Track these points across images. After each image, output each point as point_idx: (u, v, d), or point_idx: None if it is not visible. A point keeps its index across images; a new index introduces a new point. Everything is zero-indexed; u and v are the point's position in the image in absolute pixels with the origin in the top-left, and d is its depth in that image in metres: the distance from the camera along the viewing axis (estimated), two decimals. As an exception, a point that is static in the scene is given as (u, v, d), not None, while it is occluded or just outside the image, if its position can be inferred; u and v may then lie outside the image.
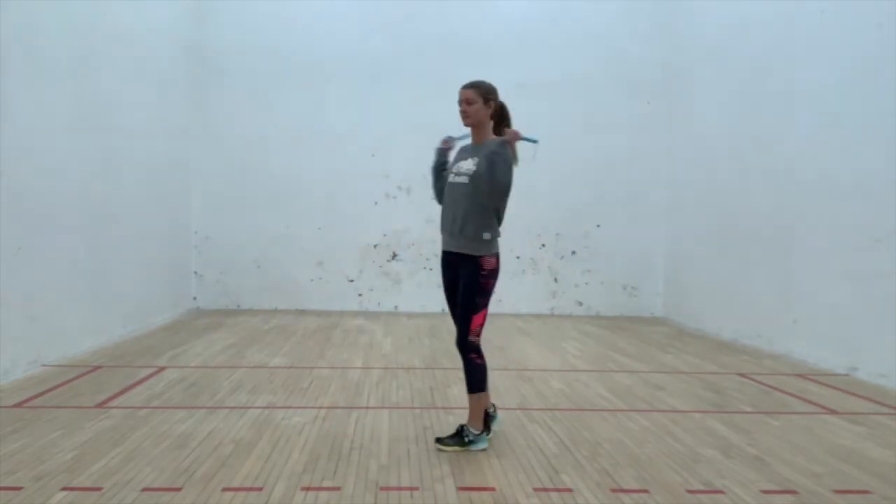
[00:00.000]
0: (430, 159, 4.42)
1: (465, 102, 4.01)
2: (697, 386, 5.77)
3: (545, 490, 3.42)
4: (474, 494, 3.35)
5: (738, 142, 8.05)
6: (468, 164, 3.98)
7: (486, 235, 3.94)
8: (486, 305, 4.02)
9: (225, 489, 3.33)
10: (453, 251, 4.06)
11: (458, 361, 6.44)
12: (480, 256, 3.93)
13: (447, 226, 4.06)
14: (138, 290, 7.71)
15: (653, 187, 9.96)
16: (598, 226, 9.89)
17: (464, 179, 3.97)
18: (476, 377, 4.01)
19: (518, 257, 9.72)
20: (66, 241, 6.21)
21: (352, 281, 9.90)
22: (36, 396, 4.93)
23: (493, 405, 4.23)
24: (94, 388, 5.19)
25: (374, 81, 9.76)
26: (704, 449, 4.10)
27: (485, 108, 4.01)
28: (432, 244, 9.70)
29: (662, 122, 9.92)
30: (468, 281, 3.96)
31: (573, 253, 9.92)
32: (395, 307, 9.92)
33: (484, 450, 3.99)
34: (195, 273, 9.74)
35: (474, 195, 3.93)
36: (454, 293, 4.14)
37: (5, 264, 5.28)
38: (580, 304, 10.01)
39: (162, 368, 5.91)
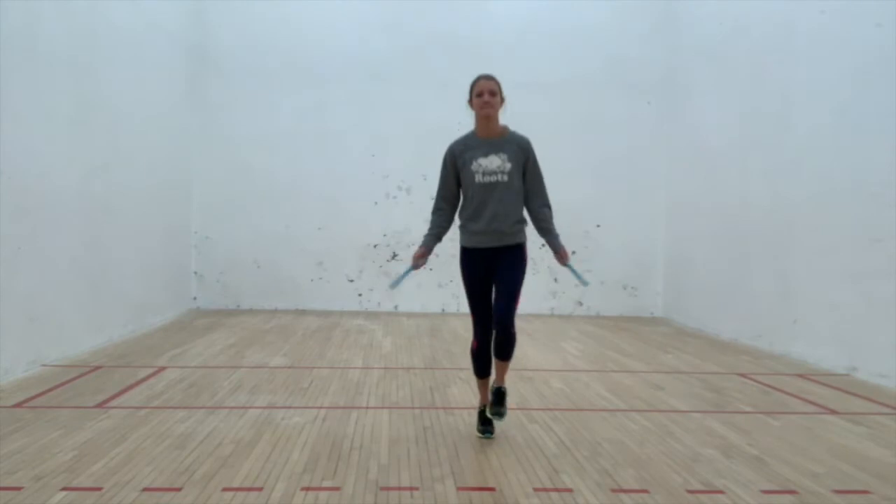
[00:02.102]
0: (429, 160, 4.43)
1: (489, 93, 4.02)
2: (697, 386, 5.77)
3: (545, 490, 3.42)
4: (474, 494, 3.35)
5: (738, 142, 8.05)
6: (497, 162, 4.01)
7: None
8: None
9: (225, 489, 3.32)
10: (498, 245, 4.09)
11: (457, 361, 6.47)
12: (523, 244, 4.15)
13: (492, 225, 4.03)
14: (138, 290, 7.71)
15: (653, 187, 9.97)
16: (598, 226, 9.89)
17: (499, 178, 4.01)
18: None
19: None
20: (66, 240, 6.21)
21: (352, 281, 9.90)
22: (36, 396, 4.93)
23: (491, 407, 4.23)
24: (94, 388, 5.19)
25: (374, 81, 9.77)
26: (704, 449, 4.10)
27: (501, 101, 4.11)
28: (432, 244, 9.69)
29: (662, 122, 9.92)
30: (521, 265, 4.12)
31: (573, 253, 9.88)
32: (395, 307, 9.92)
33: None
34: (195, 273, 9.74)
35: (517, 190, 4.06)
36: (486, 285, 4.14)
37: (5, 264, 5.28)
38: (580, 304, 10.01)
39: (162, 368, 5.91)
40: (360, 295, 9.90)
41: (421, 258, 4.15)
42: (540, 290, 9.89)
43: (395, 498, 3.28)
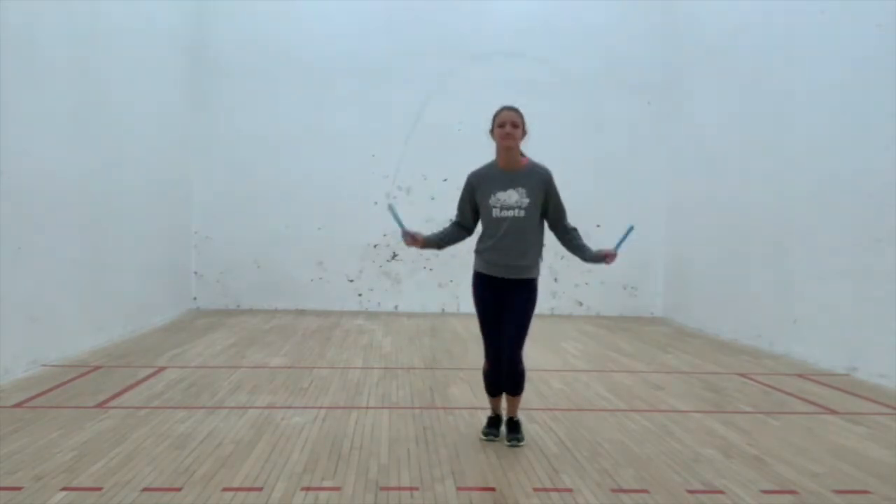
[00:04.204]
0: (429, 160, 4.42)
1: (511, 125, 3.98)
2: (697, 386, 5.77)
3: (545, 490, 3.42)
4: (474, 494, 3.35)
5: (738, 142, 8.06)
6: (515, 197, 3.99)
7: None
8: None
9: (225, 489, 3.32)
10: (511, 278, 4.09)
11: (457, 361, 6.46)
12: (535, 279, 4.17)
13: (506, 258, 4.04)
14: (138, 290, 7.71)
15: (653, 187, 9.97)
16: (598, 226, 9.87)
17: (516, 213, 3.99)
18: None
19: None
20: (66, 241, 6.21)
21: (352, 281, 9.90)
22: (36, 396, 4.93)
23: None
24: (94, 388, 5.19)
25: (374, 81, 9.77)
26: (704, 449, 4.10)
27: (524, 134, 4.08)
28: (432, 244, 9.69)
29: (662, 122, 9.92)
30: (531, 301, 4.17)
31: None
32: (395, 307, 9.92)
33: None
34: (195, 273, 9.74)
35: (534, 225, 4.06)
36: (497, 312, 4.13)
37: (5, 264, 5.28)
38: (580, 304, 10.01)
39: (162, 368, 5.91)
40: (360, 295, 9.90)
41: (412, 240, 4.09)
42: (540, 290, 9.87)
43: (395, 498, 3.27)
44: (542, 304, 9.90)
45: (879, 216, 5.90)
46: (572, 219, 4.30)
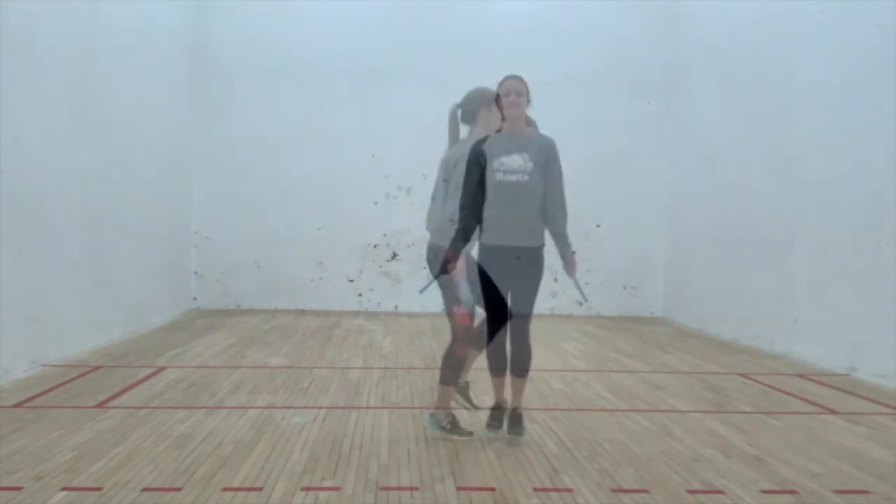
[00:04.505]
0: (429, 160, 4.44)
1: (516, 94, 4.05)
2: (697, 386, 5.76)
3: (545, 490, 3.42)
4: (474, 494, 3.35)
5: (738, 142, 8.05)
6: (519, 161, 4.00)
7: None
8: None
9: (225, 489, 3.32)
10: (515, 245, 4.10)
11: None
12: (540, 247, 4.18)
13: (510, 222, 4.05)
14: (138, 290, 7.71)
15: (653, 187, 9.96)
16: (598, 226, 9.89)
17: (520, 177, 4.00)
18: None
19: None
20: (66, 241, 6.21)
21: (352, 281, 9.90)
22: (36, 396, 4.93)
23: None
24: (94, 388, 5.19)
25: (375, 81, 9.77)
26: (704, 449, 4.10)
27: (528, 102, 4.15)
28: (432, 244, 9.69)
29: (662, 122, 9.91)
30: (538, 269, 4.22)
31: (573, 253, 9.89)
32: (395, 307, 9.92)
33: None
34: (195, 273, 9.74)
35: (538, 191, 4.05)
36: (503, 284, 4.16)
37: (5, 264, 5.28)
38: (580, 304, 10.00)
39: (162, 368, 5.91)
40: (360, 295, 9.90)
41: (451, 264, 4.11)
42: (540, 290, 9.87)
43: (395, 498, 3.27)
44: (543, 303, 9.90)
45: (879, 216, 5.90)
46: (573, 218, 4.31)
